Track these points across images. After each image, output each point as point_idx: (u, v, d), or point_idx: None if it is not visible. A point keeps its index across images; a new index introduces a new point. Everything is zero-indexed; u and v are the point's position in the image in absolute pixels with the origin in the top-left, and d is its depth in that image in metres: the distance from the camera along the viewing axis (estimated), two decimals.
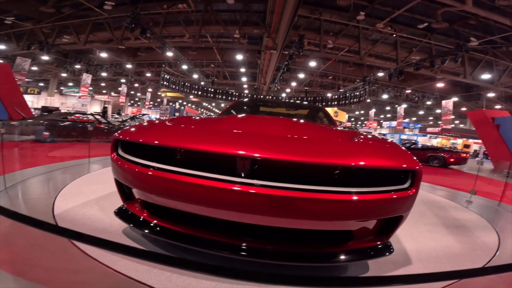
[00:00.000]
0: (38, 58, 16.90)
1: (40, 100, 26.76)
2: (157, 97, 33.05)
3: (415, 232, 2.37)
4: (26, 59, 14.06)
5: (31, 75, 22.66)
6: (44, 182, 3.08)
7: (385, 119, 38.63)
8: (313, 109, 3.74)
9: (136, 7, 10.73)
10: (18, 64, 13.64)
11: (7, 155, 4.47)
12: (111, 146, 1.58)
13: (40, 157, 5.10)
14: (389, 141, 1.69)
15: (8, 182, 2.64)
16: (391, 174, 1.36)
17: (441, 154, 11.49)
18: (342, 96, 17.45)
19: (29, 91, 24.34)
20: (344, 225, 1.38)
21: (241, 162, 1.25)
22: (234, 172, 1.26)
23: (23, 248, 1.51)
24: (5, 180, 2.62)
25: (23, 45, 14.13)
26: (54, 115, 8.69)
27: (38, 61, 18.08)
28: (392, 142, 1.70)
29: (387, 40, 13.25)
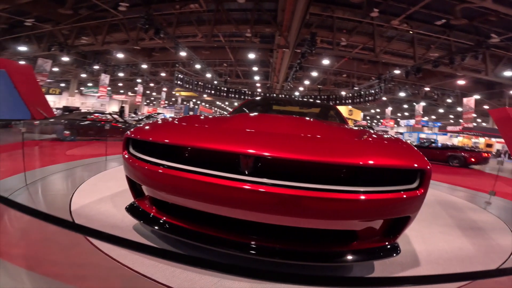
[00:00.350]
0: (58, 59, 17.60)
1: (62, 100, 27.90)
2: (172, 96, 33.67)
3: (427, 233, 2.31)
4: (47, 60, 14.71)
5: (53, 76, 23.66)
6: (63, 179, 3.24)
7: (402, 117, 37.52)
8: (323, 107, 3.70)
9: (149, 8, 10.97)
10: (40, 65, 14.30)
11: (29, 153, 4.73)
12: (123, 144, 1.64)
13: (60, 155, 5.34)
14: (398, 140, 1.65)
15: (28, 179, 2.78)
16: (399, 174, 1.33)
17: (461, 153, 11.05)
18: (356, 94, 17.12)
19: (51, 91, 25.50)
20: (350, 225, 1.37)
21: (248, 160, 1.26)
22: (241, 171, 1.27)
23: (35, 243, 1.58)
24: (26, 177, 2.77)
25: (44, 46, 14.72)
26: (74, 114, 9.08)
27: (59, 62, 18.84)
28: (401, 140, 1.66)
29: (403, 37, 12.81)
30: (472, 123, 15.91)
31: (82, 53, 15.56)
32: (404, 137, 31.00)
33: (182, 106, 34.58)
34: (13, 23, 13.54)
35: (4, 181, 2.69)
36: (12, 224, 1.84)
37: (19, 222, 1.87)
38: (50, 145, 6.56)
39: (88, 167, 3.92)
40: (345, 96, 18.00)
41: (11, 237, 1.64)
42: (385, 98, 23.09)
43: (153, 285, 1.26)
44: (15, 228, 1.79)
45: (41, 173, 3.25)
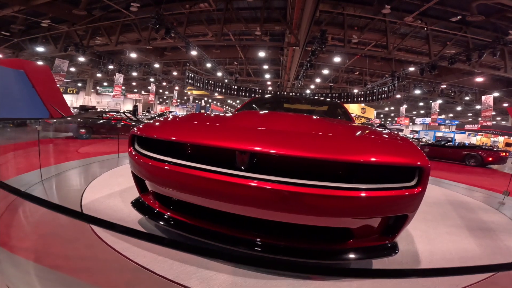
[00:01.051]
0: (75, 59, 18.20)
1: (79, 99, 28.89)
2: (184, 95, 34.18)
3: (433, 233, 2.26)
4: (64, 61, 15.22)
5: (70, 76, 24.49)
6: (77, 175, 3.37)
7: (418, 115, 36.49)
8: (328, 105, 3.67)
9: (159, 7, 11.13)
10: (57, 65, 14.81)
11: (45, 150, 4.94)
12: (128, 141, 1.70)
13: (75, 153, 5.56)
14: (398, 137, 1.63)
15: (44, 175, 2.92)
16: (398, 171, 1.32)
17: (478, 152, 10.65)
18: (369, 92, 16.79)
19: (69, 91, 26.40)
20: (347, 222, 1.37)
21: (246, 157, 1.29)
22: (242, 167, 1.29)
23: (43, 236, 1.67)
24: (41, 173, 2.91)
25: (61, 47, 15.21)
26: (90, 113, 9.38)
27: (75, 62, 19.49)
28: (402, 137, 1.64)
29: (418, 33, 12.44)
30: (491, 121, 15.26)
31: (97, 53, 16.00)
32: (420, 136, 30.19)
33: (194, 105, 35.01)
34: (30, 24, 14.04)
35: (21, 177, 2.84)
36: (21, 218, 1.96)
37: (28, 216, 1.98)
38: (66, 142, 6.83)
39: (101, 164, 4.07)
40: (357, 94, 17.69)
41: (20, 230, 1.75)
42: (400, 95, 22.50)
43: (152, 276, 1.32)
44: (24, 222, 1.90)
45: (56, 169, 3.39)
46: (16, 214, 1.99)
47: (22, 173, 2.97)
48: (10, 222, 1.85)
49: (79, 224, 1.83)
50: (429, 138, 28.15)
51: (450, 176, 6.34)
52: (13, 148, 4.40)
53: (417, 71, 13.25)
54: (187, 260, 1.46)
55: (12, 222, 1.86)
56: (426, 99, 24.84)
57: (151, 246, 1.56)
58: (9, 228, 1.76)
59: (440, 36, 12.30)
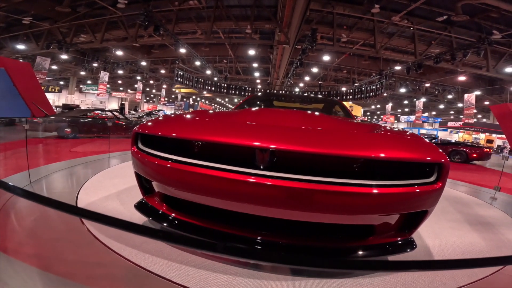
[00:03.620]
0: (57, 57, 17.51)
1: (61, 98, 27.82)
2: (172, 93, 33.61)
3: (437, 228, 2.30)
4: (46, 58, 14.58)
5: (52, 74, 23.59)
6: (67, 176, 3.21)
7: (402, 113, 37.51)
8: (330, 103, 3.68)
9: (148, 4, 10.87)
10: (39, 63, 14.17)
11: (32, 151, 4.69)
12: (131, 140, 1.60)
13: (63, 153, 5.31)
14: (412, 134, 1.63)
15: (32, 177, 2.76)
16: (415, 168, 1.31)
17: (463, 149, 11.04)
18: (357, 90, 17.08)
19: (50, 89, 25.43)
20: (365, 219, 1.35)
21: (260, 154, 1.23)
22: (253, 164, 1.24)
23: (48, 242, 1.57)
24: (30, 175, 2.74)
25: (42, 44, 14.62)
26: (75, 112, 9.02)
27: (58, 60, 18.75)
28: (415, 134, 1.64)
29: (404, 33, 12.76)
30: (473, 119, 15.88)
31: (81, 50, 15.47)
32: None
33: (182, 103, 34.49)
34: (11, 21, 13.42)
35: (8, 179, 2.66)
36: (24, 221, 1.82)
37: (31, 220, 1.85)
38: (52, 142, 6.53)
39: (92, 164, 3.90)
40: (345, 92, 17.96)
41: (22, 235, 1.62)
42: (386, 94, 23.03)
43: (167, 284, 1.24)
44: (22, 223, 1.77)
45: (45, 170, 3.22)
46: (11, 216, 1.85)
47: (9, 175, 2.79)
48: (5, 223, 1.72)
49: (79, 227, 1.73)
50: None
51: None
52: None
53: (403, 70, 13.58)
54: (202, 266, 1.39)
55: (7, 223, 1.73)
56: (411, 97, 25.56)
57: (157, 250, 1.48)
58: (5, 230, 1.64)
59: (426, 36, 12.65)
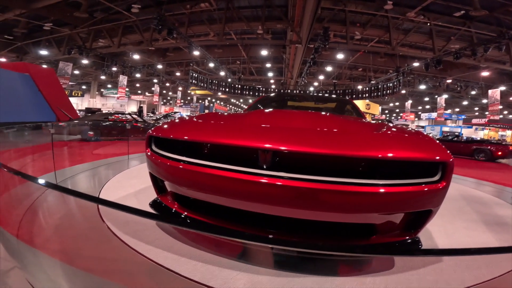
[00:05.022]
0: (79, 62, 18.28)
1: (84, 102, 29.12)
2: (187, 95, 34.26)
3: (450, 228, 2.25)
4: (68, 63, 15.31)
5: (74, 79, 24.67)
6: (90, 177, 3.42)
7: (423, 110, 36.17)
8: (340, 102, 3.67)
9: (160, 8, 11.12)
10: (61, 68, 14.92)
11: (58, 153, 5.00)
12: (146, 143, 1.70)
13: (86, 155, 5.62)
14: (419, 133, 1.63)
15: (58, 178, 2.97)
16: (420, 167, 1.32)
17: (488, 147, 10.54)
18: (374, 88, 16.70)
19: (74, 93, 26.73)
20: (369, 218, 1.37)
21: (267, 155, 1.28)
22: (261, 165, 1.29)
23: (71, 239, 1.71)
24: (56, 176, 2.95)
25: (64, 50, 15.28)
26: (97, 115, 9.48)
27: (79, 65, 19.59)
28: (422, 133, 1.63)
29: (421, 29, 12.29)
30: (498, 115, 15.08)
31: (100, 55, 16.08)
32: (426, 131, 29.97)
33: (198, 105, 35.12)
34: (32, 27, 14.08)
35: None
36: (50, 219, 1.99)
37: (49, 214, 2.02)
38: (76, 145, 6.90)
39: (112, 166, 4.12)
40: (361, 90, 17.60)
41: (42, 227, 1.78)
42: (404, 91, 22.35)
43: (175, 277, 1.33)
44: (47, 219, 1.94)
45: (70, 172, 3.45)
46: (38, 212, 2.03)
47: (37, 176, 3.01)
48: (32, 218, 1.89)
49: (99, 225, 1.87)
50: (436, 133, 27.91)
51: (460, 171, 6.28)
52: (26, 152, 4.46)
53: (421, 66, 13.13)
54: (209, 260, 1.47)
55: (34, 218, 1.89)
56: (432, 94, 24.60)
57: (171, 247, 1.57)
58: (32, 224, 1.80)
59: (444, 31, 12.16)
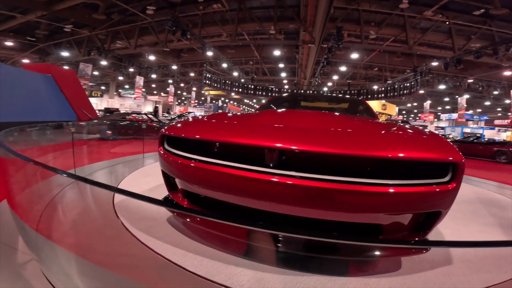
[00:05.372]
0: (98, 63, 18.93)
1: (103, 102, 30.09)
2: (202, 95, 34.72)
3: (464, 231, 2.20)
4: (88, 65, 15.89)
5: (94, 79, 25.57)
6: (107, 174, 3.58)
7: (443, 111, 34.92)
8: (351, 102, 3.62)
9: (174, 10, 11.36)
10: (82, 69, 15.50)
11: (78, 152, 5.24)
12: (158, 141, 1.77)
13: (104, 153, 5.85)
14: (430, 133, 1.61)
15: (78, 175, 3.13)
16: (430, 167, 1.30)
17: (510, 149, 10.06)
18: (390, 88, 16.33)
19: (93, 94, 27.70)
20: (377, 218, 1.35)
21: (274, 154, 1.30)
22: (266, 164, 1.32)
23: (86, 233, 1.81)
24: (76, 173, 3.11)
25: (84, 51, 15.87)
26: (115, 115, 9.82)
27: (98, 66, 20.29)
28: (433, 133, 1.61)
29: (440, 28, 11.90)
30: None
31: (118, 56, 16.59)
32: (446, 132, 28.93)
33: (212, 105, 35.49)
34: (53, 29, 14.72)
35: (57, 177, 3.05)
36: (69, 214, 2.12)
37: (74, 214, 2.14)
38: (95, 144, 7.18)
39: (128, 164, 4.28)
40: (377, 90, 17.23)
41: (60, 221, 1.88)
42: (423, 91, 21.67)
43: (182, 272, 1.38)
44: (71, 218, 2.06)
45: (89, 169, 3.62)
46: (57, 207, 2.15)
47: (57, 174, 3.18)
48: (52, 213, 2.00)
49: (114, 220, 1.96)
50: (457, 134, 26.89)
51: (479, 173, 6.05)
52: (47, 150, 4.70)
53: (441, 66, 12.71)
54: (215, 257, 1.52)
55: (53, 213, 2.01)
56: (452, 94, 23.71)
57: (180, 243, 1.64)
58: (50, 219, 1.91)
59: (464, 30, 11.73)
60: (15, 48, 16.24)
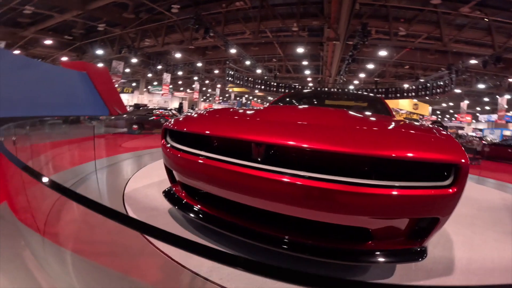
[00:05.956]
0: (129, 61, 19.95)
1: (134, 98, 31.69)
2: (226, 92, 35.25)
3: (478, 239, 2.04)
4: (120, 62, 16.80)
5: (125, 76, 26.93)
6: (124, 166, 3.81)
7: (482, 111, 32.32)
8: (364, 98, 3.48)
9: (198, 8, 11.58)
10: (114, 67, 16.44)
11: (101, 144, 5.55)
12: (161, 135, 1.85)
13: (127, 146, 6.20)
14: (438, 131, 1.48)
15: (98, 166, 3.35)
16: (428, 168, 1.20)
17: None
18: (421, 87, 15.44)
19: (125, 90, 29.24)
20: (365, 222, 1.27)
21: (261, 149, 1.29)
22: (254, 157, 1.31)
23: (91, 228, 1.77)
24: (96, 164, 3.34)
25: (116, 49, 16.77)
26: (142, 110, 10.33)
27: (129, 63, 21.35)
28: (441, 131, 1.48)
29: (478, 24, 11.01)
30: None
31: (147, 54, 17.33)
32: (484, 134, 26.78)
33: (235, 102, 35.90)
34: (89, 28, 15.68)
35: (78, 167, 3.30)
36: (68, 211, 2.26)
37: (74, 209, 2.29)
38: (120, 137, 7.62)
39: (146, 157, 4.51)
40: (407, 89, 16.35)
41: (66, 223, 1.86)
42: (459, 90, 20.20)
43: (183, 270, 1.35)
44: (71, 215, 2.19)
45: (108, 161, 3.86)
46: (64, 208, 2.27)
47: (79, 164, 3.43)
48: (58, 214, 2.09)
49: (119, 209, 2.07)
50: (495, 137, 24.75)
51: None
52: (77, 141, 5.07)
53: (479, 64, 11.77)
54: None
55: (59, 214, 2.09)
56: (492, 94, 21.82)
57: None
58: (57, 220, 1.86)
59: (504, 27, 10.72)
60: (54, 47, 17.54)
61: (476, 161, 6.55)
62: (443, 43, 11.06)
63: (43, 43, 16.79)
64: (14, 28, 14.34)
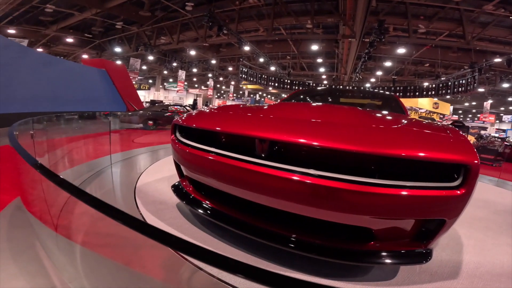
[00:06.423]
0: (146, 58, 20.42)
1: (150, 95, 32.46)
2: (240, 89, 35.37)
3: (490, 244, 1.98)
4: (137, 59, 17.23)
5: (142, 73, 27.61)
6: (139, 160, 3.95)
7: (506, 112, 30.72)
8: (377, 96, 3.41)
9: (212, 5, 11.62)
10: (132, 64, 16.89)
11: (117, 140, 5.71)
12: (171, 130, 1.91)
13: (142, 141, 6.39)
14: (450, 130, 1.44)
15: (113, 160, 3.48)
16: (436, 168, 1.16)
17: None
18: (442, 85, 14.85)
19: (142, 87, 30.00)
20: (368, 221, 1.24)
21: (264, 145, 1.30)
22: (257, 153, 1.33)
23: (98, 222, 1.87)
24: (111, 159, 3.47)
25: (133, 47, 17.17)
26: (157, 107, 10.59)
27: (146, 61, 21.85)
28: (454, 130, 1.44)
29: (503, 22, 10.49)
30: None
31: (163, 51, 17.65)
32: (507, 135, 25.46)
33: (249, 99, 35.98)
34: (107, 26, 16.16)
35: (95, 161, 3.45)
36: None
37: None
38: (135, 133, 7.86)
39: (159, 152, 4.64)
40: (426, 87, 15.78)
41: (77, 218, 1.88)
42: (483, 89, 19.29)
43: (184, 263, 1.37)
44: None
45: (123, 155, 4.01)
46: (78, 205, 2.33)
47: (96, 158, 3.57)
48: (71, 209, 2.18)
49: (130, 202, 2.17)
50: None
51: None
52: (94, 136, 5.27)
53: (503, 62, 11.19)
54: None
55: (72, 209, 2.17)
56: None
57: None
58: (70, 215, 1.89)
59: None
60: (75, 44, 18.21)
61: (497, 163, 6.29)
62: (466, 41, 10.62)
63: (65, 41, 17.47)
64: (37, 26, 14.99)
